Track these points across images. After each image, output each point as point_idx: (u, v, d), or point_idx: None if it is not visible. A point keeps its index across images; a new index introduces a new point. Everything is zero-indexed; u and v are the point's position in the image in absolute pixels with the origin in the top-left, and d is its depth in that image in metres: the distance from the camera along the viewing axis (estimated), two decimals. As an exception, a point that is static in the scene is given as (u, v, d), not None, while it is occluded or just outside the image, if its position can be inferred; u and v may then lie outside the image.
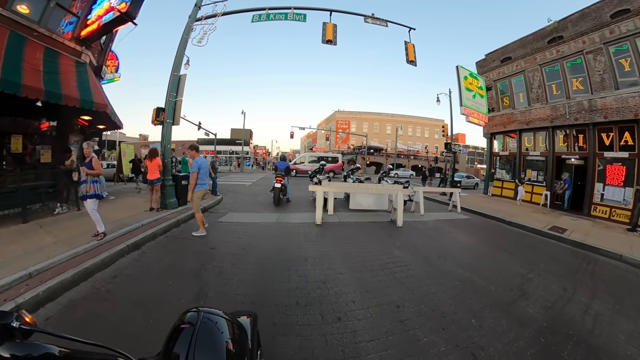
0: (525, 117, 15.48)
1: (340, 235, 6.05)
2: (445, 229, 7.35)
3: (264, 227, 6.45)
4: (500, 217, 9.49)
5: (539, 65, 15.25)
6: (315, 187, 7.30)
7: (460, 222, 8.41)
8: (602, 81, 12.93)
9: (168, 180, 7.25)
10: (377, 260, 4.61)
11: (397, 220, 7.07)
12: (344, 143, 50.12)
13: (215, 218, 7.01)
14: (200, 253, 4.47)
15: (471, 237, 6.68)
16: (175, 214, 6.63)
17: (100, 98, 7.76)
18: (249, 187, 15.22)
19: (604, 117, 12.63)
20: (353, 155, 45.71)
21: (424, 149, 51.69)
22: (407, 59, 9.03)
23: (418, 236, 6.31)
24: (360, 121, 50.75)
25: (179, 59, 7.22)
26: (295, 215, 7.78)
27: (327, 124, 55.00)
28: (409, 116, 53.16)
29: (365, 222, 7.37)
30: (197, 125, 26.48)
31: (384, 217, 8.08)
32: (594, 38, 13.34)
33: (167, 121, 7.20)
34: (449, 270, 4.38)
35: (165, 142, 7.31)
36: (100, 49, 10.41)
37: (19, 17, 6.72)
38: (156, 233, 5.06)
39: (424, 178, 16.53)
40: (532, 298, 3.66)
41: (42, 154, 7.65)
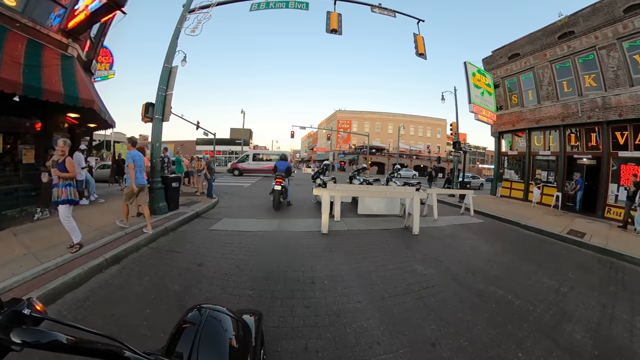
0: (534, 115, 14.92)
1: (351, 247, 5.28)
2: (463, 235, 6.77)
3: (262, 237, 5.67)
4: (515, 220, 8.97)
5: (549, 61, 14.70)
6: (320, 191, 6.53)
7: (475, 226, 7.87)
8: (616, 78, 12.39)
9: (156, 183, 6.58)
10: (399, 280, 3.91)
11: (413, 227, 6.34)
12: (346, 143, 49.56)
13: (208, 225, 6.34)
14: (185, 271, 3.78)
15: (491, 245, 6.10)
16: (163, 220, 6.00)
17: (87, 93, 7.23)
18: (248, 189, 14.50)
19: (619, 115, 12.10)
20: (355, 155, 45.14)
21: (426, 149, 51.11)
22: (416, 52, 8.48)
23: (437, 246, 5.70)
24: (361, 121, 50.17)
25: (171, 49, 6.66)
26: (298, 222, 7.03)
27: (328, 123, 54.44)
28: (410, 115, 52.57)
29: (377, 230, 6.61)
30: (196, 124, 25.94)
31: (396, 224, 7.32)
32: (607, 33, 12.81)
33: (156, 117, 6.55)
34: (480, 289, 3.82)
35: (154, 140, 6.66)
36: (91, 43, 9.89)
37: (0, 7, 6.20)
38: (140, 244, 4.50)
39: (430, 179, 15.95)
40: (575, 319, 3.25)
41: (24, 154, 7.11)
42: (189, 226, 6.22)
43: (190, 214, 6.75)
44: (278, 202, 8.32)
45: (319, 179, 9.37)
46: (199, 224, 6.44)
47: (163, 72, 6.57)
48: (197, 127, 26.05)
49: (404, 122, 48.18)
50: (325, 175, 9.93)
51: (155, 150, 6.71)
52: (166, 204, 6.74)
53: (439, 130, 54.68)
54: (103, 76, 13.61)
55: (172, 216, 6.38)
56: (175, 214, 6.64)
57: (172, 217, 6.28)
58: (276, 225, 6.68)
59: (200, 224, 6.41)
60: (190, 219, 6.66)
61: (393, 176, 10.03)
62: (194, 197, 9.74)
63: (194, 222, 6.58)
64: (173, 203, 6.94)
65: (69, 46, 8.19)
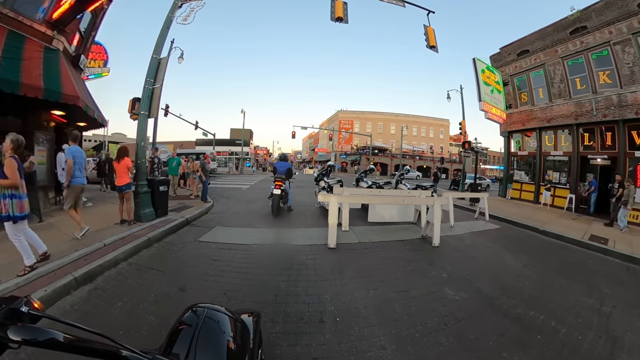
0: (545, 114, 14.32)
1: (366, 265, 4.41)
2: (485, 245, 6.13)
3: (258, 252, 4.78)
4: (532, 225, 8.42)
5: (561, 58, 14.12)
6: (327, 197, 5.57)
7: (493, 233, 7.26)
8: (632, 74, 11.82)
9: (142, 186, 5.88)
10: (429, 311, 3.16)
11: (434, 238, 5.57)
12: (347, 143, 48.95)
13: (198, 234, 5.56)
14: (164, 298, 3.08)
15: (516, 255, 5.47)
16: (148, 228, 5.33)
17: (71, 89, 6.67)
18: (245, 192, 13.67)
19: (635, 113, 11.53)
20: (357, 155, 44.46)
21: (429, 149, 50.48)
22: (427, 44, 7.92)
23: (462, 260, 5.00)
24: (363, 121, 49.56)
25: (161, 39, 6.08)
26: (300, 233, 6.15)
27: (329, 123, 53.82)
28: (413, 116, 51.97)
29: (392, 242, 5.74)
30: (194, 124, 25.37)
31: (412, 233, 6.51)
32: (621, 28, 12.24)
33: (142, 112, 5.89)
34: (520, 315, 3.22)
35: (139, 139, 5.96)
36: (80, 37, 9.34)
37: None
38: (118, 258, 3.89)
39: (436, 180, 15.32)
40: (627, 347, 2.82)
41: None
42: (176, 236, 5.52)
43: (179, 222, 6.08)
44: (277, 207, 7.54)
45: (323, 181, 8.71)
46: (187, 233, 5.74)
47: (151, 64, 5.98)
48: (196, 127, 25.49)
49: (407, 122, 47.57)
50: (330, 177, 9.20)
51: (141, 150, 6.04)
52: (153, 210, 6.06)
53: (442, 130, 54.08)
54: (97, 74, 13.08)
55: (158, 224, 5.72)
56: (163, 221, 5.96)
57: (159, 225, 5.61)
58: (275, 236, 5.82)
59: (189, 233, 5.71)
60: (179, 227, 5.99)
61: (402, 178, 9.38)
62: (187, 200, 9.15)
63: (183, 231, 5.87)
64: (161, 209, 6.27)
65: (53, 39, 7.65)
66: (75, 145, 5.04)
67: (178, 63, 13.66)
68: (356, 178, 9.98)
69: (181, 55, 13.92)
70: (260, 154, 53.26)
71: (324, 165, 43.15)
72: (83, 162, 4.90)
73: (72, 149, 4.89)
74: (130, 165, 5.49)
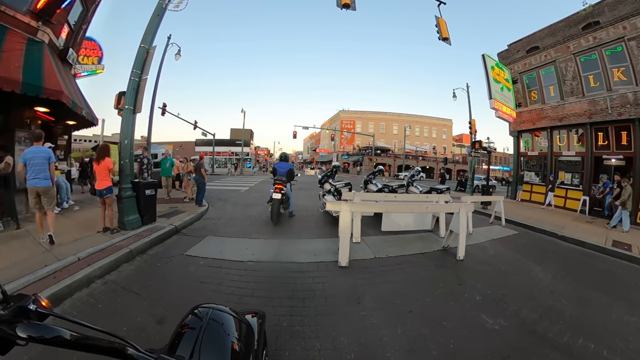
0: (557, 112, 13.75)
1: (387, 290, 3.61)
2: (508, 255, 5.54)
3: (254, 272, 4.01)
4: (550, 230, 7.90)
5: (573, 54, 13.55)
6: (337, 206, 4.64)
7: (513, 240, 6.69)
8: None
9: (126, 190, 5.22)
10: (470, 348, 2.55)
11: (458, 250, 4.85)
12: (349, 144, 48.39)
13: (186, 246, 4.82)
14: (139, 333, 2.48)
15: (543, 267, 4.84)
16: (132, 238, 4.68)
17: (54, 83, 6.16)
18: (244, 195, 12.91)
19: (652, 111, 10.97)
20: (359, 156, 43.87)
21: (432, 150, 49.90)
22: (439, 37, 7.40)
23: (491, 276, 4.36)
24: (365, 121, 49.00)
25: (151, 27, 5.52)
26: (304, 245, 5.27)
27: (331, 124, 53.26)
28: (415, 115, 51.40)
29: (412, 257, 4.94)
30: (193, 124, 24.83)
31: (431, 243, 5.77)
32: (636, 23, 11.70)
33: (127, 107, 5.29)
34: (568, 344, 2.68)
35: (123, 137, 5.31)
36: (70, 30, 8.85)
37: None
38: (92, 275, 3.34)
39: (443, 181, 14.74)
40: None
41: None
42: (162, 248, 4.86)
43: (167, 230, 5.40)
44: (277, 214, 6.74)
45: (328, 184, 7.94)
46: (175, 244, 5.06)
47: (139, 54, 5.44)
48: (195, 127, 24.95)
49: (409, 122, 46.96)
50: (335, 179, 8.39)
51: (124, 148, 5.35)
52: (139, 217, 5.39)
53: (445, 130, 53.52)
54: (90, 71, 12.58)
55: (144, 232, 5.05)
56: (149, 229, 5.29)
57: (144, 234, 4.93)
58: (274, 250, 4.94)
59: (177, 244, 5.04)
60: (167, 236, 5.33)
61: (413, 180, 8.78)
62: (181, 204, 8.55)
63: (170, 242, 5.18)
64: (148, 215, 5.60)
65: (38, 30, 7.16)
66: (37, 145, 4.57)
67: (175, 60, 13.22)
68: (364, 180, 9.24)
69: (178, 51, 13.46)
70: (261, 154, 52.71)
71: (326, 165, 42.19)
72: (43, 163, 4.40)
73: (29, 150, 4.47)
74: (112, 167, 4.92)
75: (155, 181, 5.71)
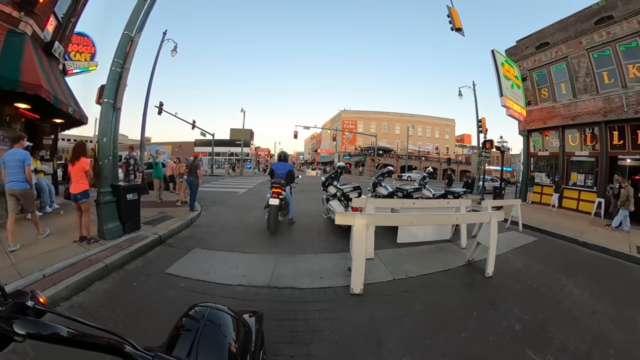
0: (569, 111, 13.16)
1: (413, 325, 2.89)
2: (535, 266, 4.89)
3: (243, 301, 3.22)
4: (569, 236, 7.35)
5: (586, 50, 12.96)
6: (348, 218, 3.59)
7: (533, 248, 6.10)
8: (667, 67, 10.74)
9: (104, 195, 4.59)
10: None
11: (488, 266, 4.16)
12: (351, 144, 47.82)
13: (168, 261, 4.15)
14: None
15: (574, 281, 4.19)
16: (110, 250, 4.09)
17: (32, 77, 5.68)
18: (241, 197, 12.06)
19: (671, 109, 10.40)
20: (361, 156, 43.23)
21: (435, 150, 49.27)
22: (452, 27, 6.88)
23: (524, 295, 3.72)
24: (367, 121, 48.41)
25: (136, 12, 4.96)
26: (306, 263, 4.37)
27: (332, 124, 52.70)
28: (418, 115, 50.78)
29: (435, 276, 4.18)
30: (192, 124, 24.34)
31: (453, 256, 5.05)
32: (651, 17, 11.11)
33: (106, 101, 4.68)
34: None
35: (101, 134, 4.66)
36: (58, 24, 8.37)
37: None
38: (56, 298, 2.80)
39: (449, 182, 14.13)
40: None
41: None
42: (143, 261, 4.20)
43: (150, 240, 4.74)
44: (275, 222, 5.95)
45: (333, 187, 7.05)
46: (158, 257, 4.41)
47: (121, 41, 4.90)
48: (193, 127, 24.46)
49: (412, 122, 46.32)
50: (339, 181, 7.46)
51: (103, 148, 4.68)
52: (120, 224, 4.78)
53: (448, 130, 52.91)
54: (83, 68, 12.09)
55: (124, 243, 4.40)
56: (131, 239, 4.65)
57: (124, 245, 4.29)
58: (270, 269, 4.06)
59: (160, 257, 4.39)
60: (150, 247, 4.68)
61: (425, 182, 8.15)
62: (172, 208, 7.88)
63: (153, 255, 4.51)
64: (131, 222, 4.99)
65: (20, 21, 6.68)
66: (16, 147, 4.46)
67: (171, 56, 12.74)
68: (373, 182, 8.41)
69: (175, 48, 12.98)
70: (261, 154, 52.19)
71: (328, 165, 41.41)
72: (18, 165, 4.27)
73: (8, 153, 4.40)
74: (88, 168, 4.38)
75: (139, 184, 5.15)
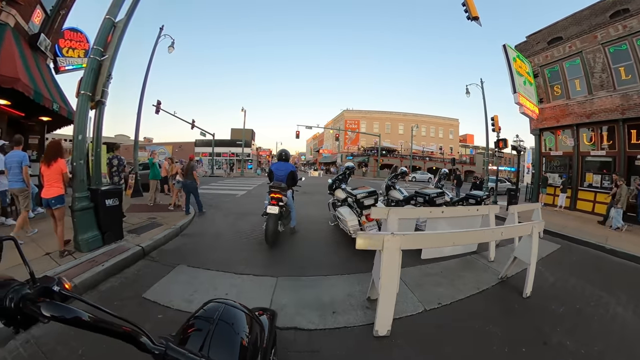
0: (584, 108, 12.53)
1: None
2: (570, 281, 4.26)
3: None
4: (594, 242, 6.77)
5: (601, 44, 12.33)
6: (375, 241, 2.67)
7: (560, 257, 5.51)
8: (689, 61, 10.13)
9: (79, 200, 4.00)
10: None
11: (527, 285, 3.54)
12: (354, 144, 47.21)
13: (148, 281, 3.51)
14: None
15: (616, 299, 3.53)
16: (85, 265, 3.53)
17: (9, 69, 5.21)
18: (239, 200, 11.31)
19: (695, 106, 9.77)
20: (365, 157, 42.56)
21: (439, 150, 48.55)
22: (468, 16, 6.34)
23: (571, 321, 3.11)
24: (370, 120, 47.77)
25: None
26: (312, 288, 3.58)
27: (335, 124, 52.08)
28: (421, 115, 50.07)
29: (469, 301, 3.47)
30: (191, 123, 23.82)
31: (482, 272, 4.39)
32: (670, 10, 10.51)
33: (82, 92, 4.14)
34: None
35: (77, 131, 4.05)
36: (45, 16, 7.91)
37: None
38: (5, 337, 2.18)
39: (459, 184, 13.47)
40: None
41: None
42: (120, 280, 3.57)
43: (131, 253, 4.11)
44: (273, 233, 5.05)
45: (341, 190, 6.13)
46: (137, 274, 3.75)
47: (102, 27, 4.38)
48: (192, 127, 23.93)
49: (415, 121, 45.62)
50: (348, 183, 6.54)
51: (78, 146, 4.12)
52: (99, 234, 4.20)
53: (451, 130, 52.16)
54: (76, 64, 11.58)
55: (101, 257, 3.80)
56: (110, 251, 4.05)
57: (100, 260, 3.69)
58: (267, 299, 3.29)
59: (139, 275, 3.73)
60: (130, 261, 4.03)
61: (442, 185, 7.47)
62: (163, 213, 7.23)
63: (133, 270, 3.87)
64: (111, 231, 4.39)
65: (2, 11, 6.23)
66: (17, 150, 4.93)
67: (168, 52, 12.24)
68: (385, 185, 7.49)
69: (172, 44, 12.49)
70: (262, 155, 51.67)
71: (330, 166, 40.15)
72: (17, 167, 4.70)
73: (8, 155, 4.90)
74: (66, 170, 3.87)
75: (119, 188, 4.59)
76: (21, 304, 0.63)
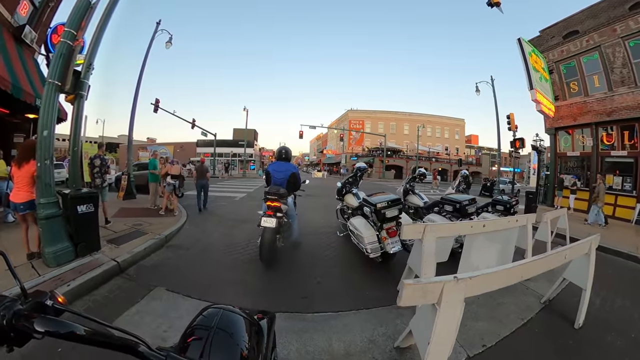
0: (604, 105, 11.84)
1: None
2: (615, 301, 3.71)
3: None
4: (626, 252, 6.16)
5: (621, 38, 11.64)
6: (430, 295, 1.79)
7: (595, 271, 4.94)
8: None
9: (45, 207, 3.43)
10: None
11: (580, 315, 2.94)
12: (358, 145, 46.57)
13: (118, 307, 2.91)
14: None
15: None
16: (50, 283, 2.99)
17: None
18: (238, 204, 10.57)
19: None
20: (370, 157, 41.85)
21: (445, 151, 47.72)
22: (489, 2, 5.78)
23: (633, 357, 2.53)
24: (375, 120, 47.09)
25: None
26: (321, 331, 2.73)
27: (339, 124, 51.45)
28: (427, 115, 49.28)
29: (516, 337, 2.79)
30: (191, 123, 23.37)
31: (521, 295, 3.65)
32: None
33: (49, 81, 3.64)
34: None
35: (42, 127, 3.53)
36: (33, 8, 7.46)
37: None
38: None
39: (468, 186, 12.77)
40: None
41: None
42: (87, 303, 3.00)
43: (104, 270, 3.51)
44: (270, 251, 4.15)
45: (353, 195, 5.44)
46: (108, 298, 3.13)
47: (77, 6, 3.89)
48: (193, 126, 23.49)
49: (421, 121, 44.80)
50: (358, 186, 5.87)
51: (43, 143, 3.57)
52: (70, 245, 3.64)
53: (457, 130, 51.33)
54: (71, 62, 11.15)
55: (69, 274, 3.26)
56: (81, 266, 3.47)
57: (68, 277, 3.14)
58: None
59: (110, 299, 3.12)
60: (101, 280, 3.40)
61: (463, 189, 6.84)
62: (151, 219, 6.58)
63: (103, 292, 3.23)
64: (86, 241, 3.80)
65: (-20, 1, 5.76)
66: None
67: (166, 48, 11.83)
68: (403, 190, 6.59)
69: (169, 39, 12.05)
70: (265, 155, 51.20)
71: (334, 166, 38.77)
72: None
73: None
74: (33, 171, 3.39)
75: (94, 192, 4.02)
76: (14, 320, 0.61)
